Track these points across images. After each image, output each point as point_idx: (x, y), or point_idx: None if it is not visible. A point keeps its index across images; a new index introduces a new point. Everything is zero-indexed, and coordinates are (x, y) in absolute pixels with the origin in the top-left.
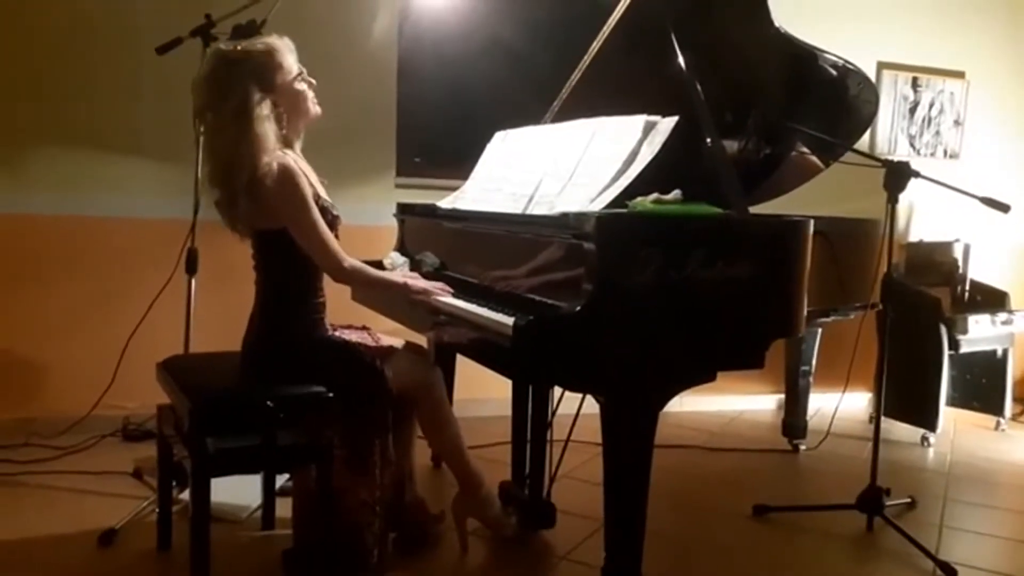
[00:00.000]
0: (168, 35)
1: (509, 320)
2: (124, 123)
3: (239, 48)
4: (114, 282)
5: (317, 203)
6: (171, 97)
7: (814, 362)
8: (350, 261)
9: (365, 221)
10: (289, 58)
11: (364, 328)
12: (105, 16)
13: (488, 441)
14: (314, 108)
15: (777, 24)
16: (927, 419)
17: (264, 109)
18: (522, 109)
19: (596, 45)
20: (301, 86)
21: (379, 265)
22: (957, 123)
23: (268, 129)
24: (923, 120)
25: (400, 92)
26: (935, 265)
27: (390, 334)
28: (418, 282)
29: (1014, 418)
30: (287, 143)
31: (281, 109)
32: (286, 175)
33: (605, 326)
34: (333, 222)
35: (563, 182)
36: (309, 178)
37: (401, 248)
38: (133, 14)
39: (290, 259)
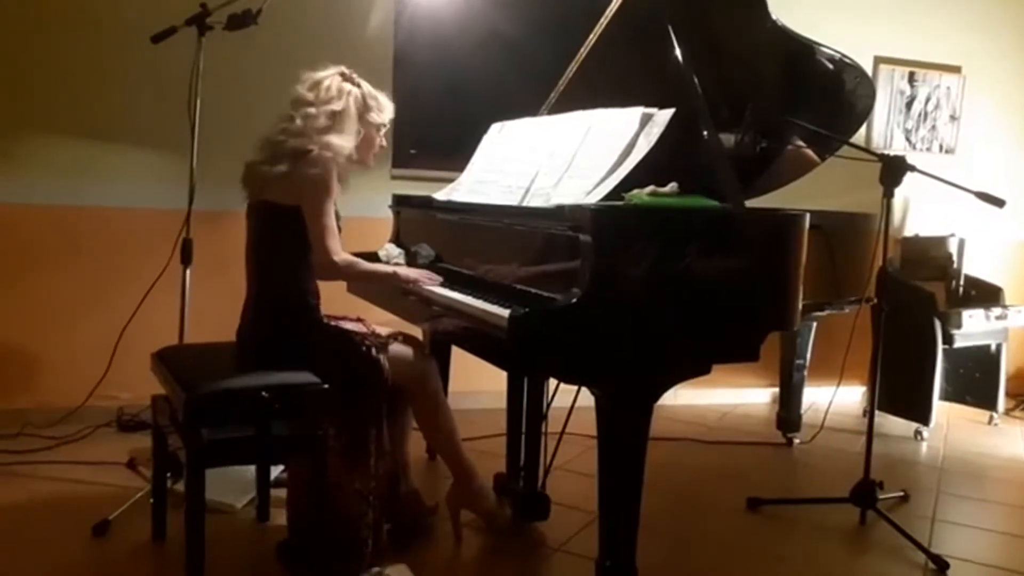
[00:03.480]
0: (163, 24)
1: (505, 312)
2: (119, 112)
3: (357, 77)
4: (109, 272)
5: None
6: (167, 86)
7: (808, 356)
8: (342, 256)
9: (360, 213)
10: (386, 110)
11: (359, 319)
12: (100, 5)
13: (483, 433)
14: (371, 161)
15: (774, 18)
16: (920, 413)
17: (356, 123)
18: (519, 101)
19: (593, 37)
20: (377, 138)
21: (374, 257)
22: (953, 118)
23: (351, 137)
24: (919, 115)
25: (396, 83)
26: (930, 260)
27: (385, 326)
28: (408, 272)
29: (1007, 413)
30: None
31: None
32: (328, 161)
33: (600, 318)
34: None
35: (559, 174)
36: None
37: (397, 240)
38: (128, 3)
39: (291, 242)
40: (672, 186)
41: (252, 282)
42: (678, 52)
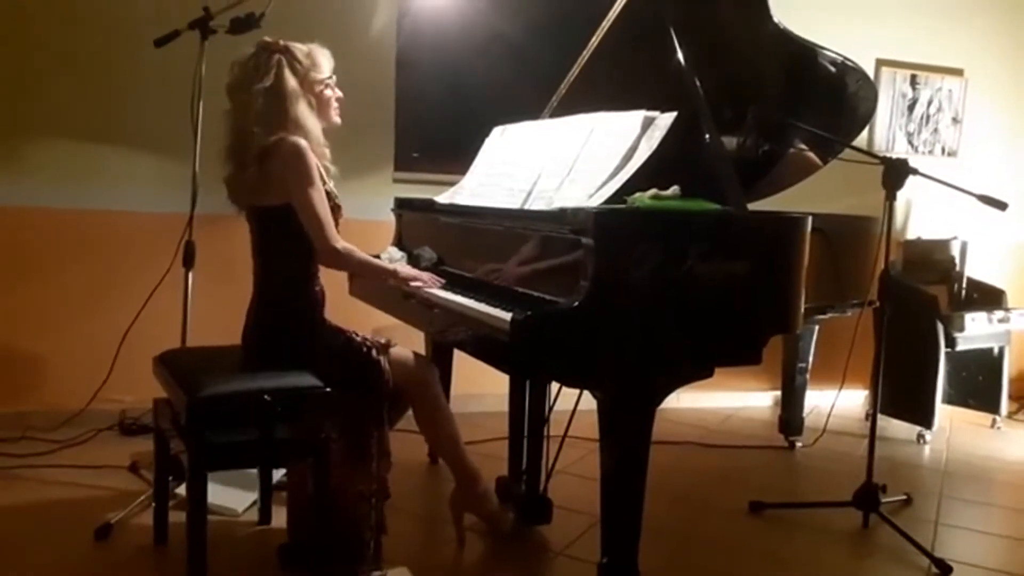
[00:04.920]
0: (166, 28)
1: (507, 315)
2: (122, 116)
3: (281, 41)
4: (111, 275)
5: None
6: (169, 90)
7: (811, 359)
8: (343, 243)
9: (362, 216)
10: (324, 63)
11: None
12: (103, 8)
13: (485, 437)
14: (335, 117)
15: (776, 20)
16: (923, 416)
17: (297, 90)
18: (521, 104)
19: (595, 40)
20: (328, 92)
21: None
22: (955, 121)
23: (304, 111)
24: (921, 118)
25: (398, 86)
26: (932, 263)
27: (387, 331)
28: (408, 270)
29: (1010, 416)
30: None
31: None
32: (297, 150)
33: (602, 321)
34: (334, 210)
35: (561, 177)
36: (320, 165)
37: (399, 243)
38: (131, 7)
39: (290, 241)
40: (674, 189)
41: (256, 284)
42: (680, 55)
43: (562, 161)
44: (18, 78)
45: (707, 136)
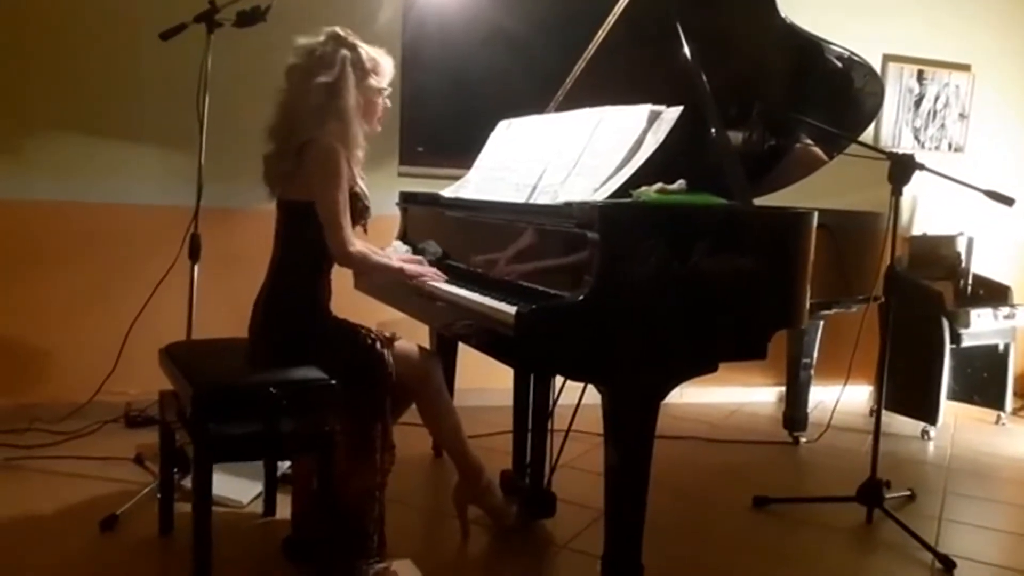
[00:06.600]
0: (172, 20)
1: (511, 308)
2: (127, 109)
3: (351, 38)
4: (117, 268)
5: (351, 188)
6: (175, 83)
7: (815, 354)
8: (357, 247)
9: None
10: (386, 72)
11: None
12: (110, 1)
13: (489, 430)
14: (376, 126)
15: (783, 15)
16: (928, 412)
17: (353, 92)
18: (526, 98)
19: (601, 34)
20: (379, 102)
21: None
22: (962, 116)
23: (353, 113)
24: (928, 113)
25: (404, 81)
26: (938, 258)
27: (392, 325)
28: (414, 266)
29: (1014, 412)
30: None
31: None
32: (331, 150)
33: (607, 316)
34: (363, 211)
35: (567, 171)
36: (353, 168)
37: (404, 237)
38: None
39: (309, 237)
40: (680, 184)
41: (270, 271)
42: (686, 49)
43: (567, 155)
44: (24, 71)
45: (713, 131)
